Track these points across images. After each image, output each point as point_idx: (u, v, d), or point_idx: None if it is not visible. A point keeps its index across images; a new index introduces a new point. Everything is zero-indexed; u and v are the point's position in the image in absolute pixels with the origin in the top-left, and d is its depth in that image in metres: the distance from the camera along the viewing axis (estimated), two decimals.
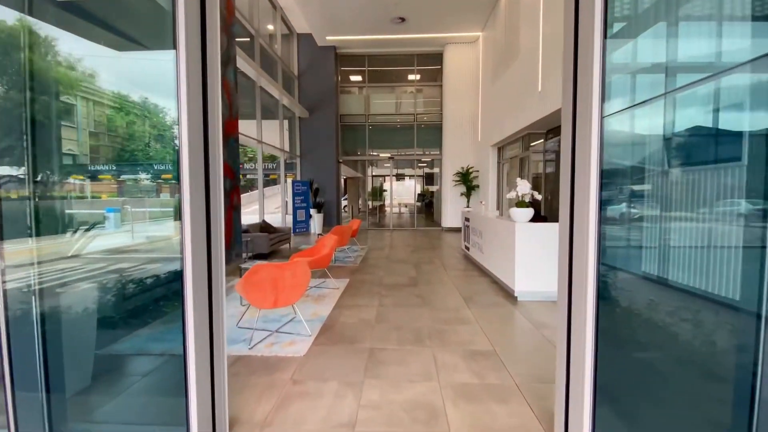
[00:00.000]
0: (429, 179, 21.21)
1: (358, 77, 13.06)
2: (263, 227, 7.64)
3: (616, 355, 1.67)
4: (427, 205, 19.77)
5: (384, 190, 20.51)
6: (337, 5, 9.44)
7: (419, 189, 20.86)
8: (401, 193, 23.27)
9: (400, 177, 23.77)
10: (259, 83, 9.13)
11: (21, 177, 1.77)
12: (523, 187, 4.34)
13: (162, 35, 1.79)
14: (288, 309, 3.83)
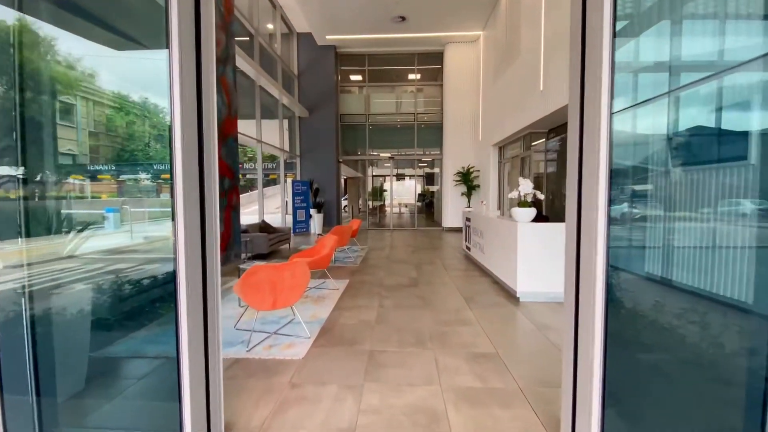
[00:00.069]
0: (429, 179, 21.14)
1: (358, 77, 13.01)
2: (263, 227, 7.58)
3: (625, 359, 1.61)
4: (428, 205, 19.72)
5: (384, 190, 20.48)
6: (337, 4, 9.38)
7: (419, 189, 20.80)
8: (401, 193, 23.23)
9: (400, 177, 23.73)
10: (259, 82, 9.08)
11: (14, 177, 1.72)
12: (526, 187, 4.29)
13: (162, 34, 1.75)
14: (287, 310, 3.77)
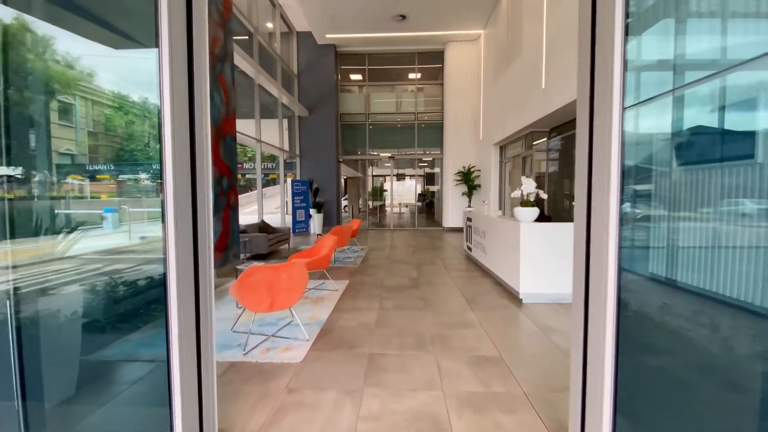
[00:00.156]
0: (430, 179, 21.08)
1: (358, 76, 12.94)
2: (262, 227, 7.51)
3: (636, 363, 1.54)
4: (428, 205, 19.65)
5: (384, 189, 20.41)
6: (337, 3, 9.31)
7: (420, 189, 20.73)
8: (402, 193, 23.17)
9: (400, 177, 23.67)
10: (258, 81, 9.01)
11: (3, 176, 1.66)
12: (529, 186, 4.22)
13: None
14: (285, 312, 3.70)
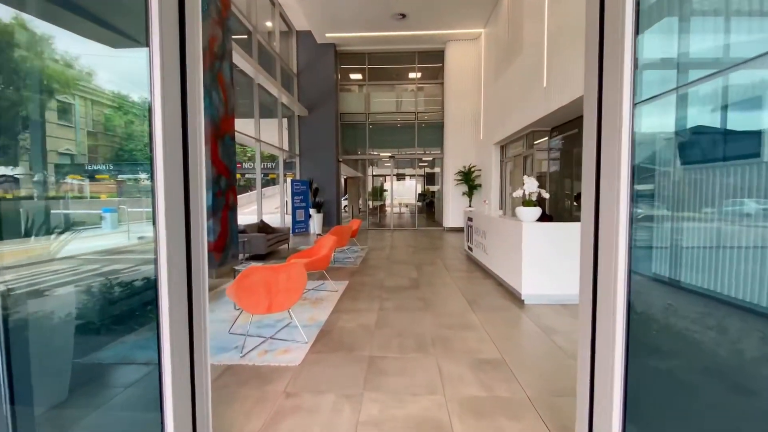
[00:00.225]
0: (430, 179, 21.03)
1: (358, 75, 12.87)
2: (261, 227, 7.45)
3: (645, 367, 1.49)
4: (428, 205, 19.60)
5: (384, 189, 20.36)
6: (337, 2, 9.25)
7: (420, 189, 20.68)
8: (402, 193, 23.10)
9: (400, 176, 23.61)
10: (258, 81, 8.95)
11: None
12: (531, 185, 4.16)
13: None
14: (284, 314, 3.64)
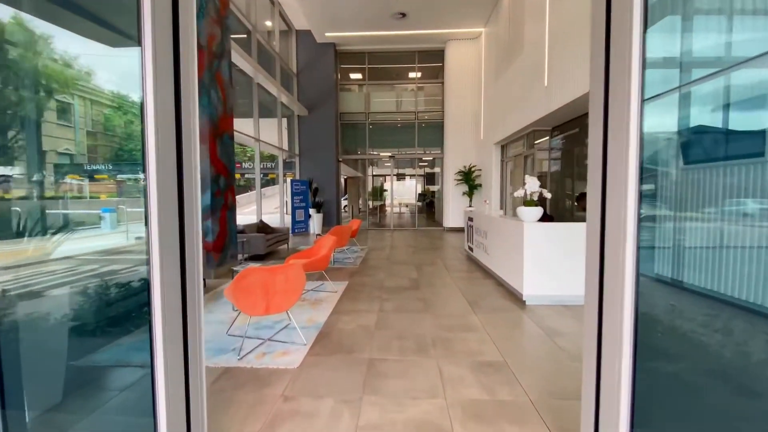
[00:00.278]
0: (430, 179, 20.99)
1: (358, 75, 12.82)
2: (260, 227, 7.41)
3: (653, 371, 1.44)
4: (428, 205, 19.55)
5: (384, 189, 20.32)
6: (337, 1, 9.20)
7: (420, 188, 20.63)
8: (402, 193, 23.06)
9: (400, 176, 23.57)
10: (257, 80, 8.90)
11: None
12: (532, 185, 4.11)
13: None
14: (282, 315, 3.60)
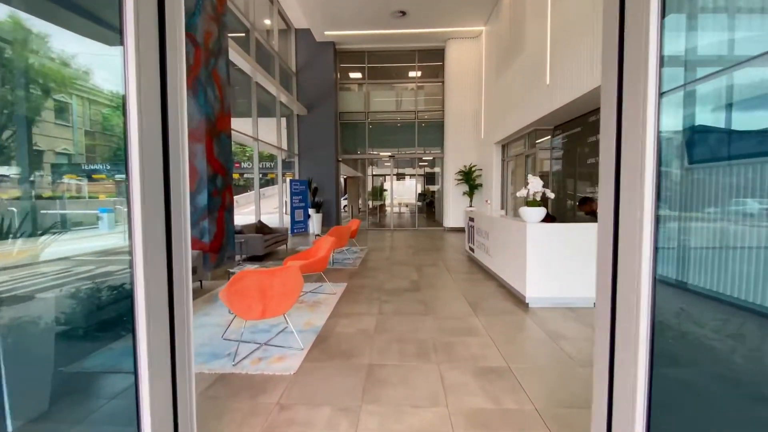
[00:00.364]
0: (430, 179, 20.91)
1: (357, 74, 12.73)
2: (259, 228, 7.32)
3: (669, 379, 1.35)
4: (429, 205, 19.47)
5: (384, 189, 20.24)
6: (336, 1, 9.12)
7: (420, 188, 20.55)
8: (402, 193, 22.99)
9: (400, 176, 23.49)
10: (256, 79, 8.81)
11: None
12: (535, 185, 4.02)
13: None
14: (279, 318, 3.51)
